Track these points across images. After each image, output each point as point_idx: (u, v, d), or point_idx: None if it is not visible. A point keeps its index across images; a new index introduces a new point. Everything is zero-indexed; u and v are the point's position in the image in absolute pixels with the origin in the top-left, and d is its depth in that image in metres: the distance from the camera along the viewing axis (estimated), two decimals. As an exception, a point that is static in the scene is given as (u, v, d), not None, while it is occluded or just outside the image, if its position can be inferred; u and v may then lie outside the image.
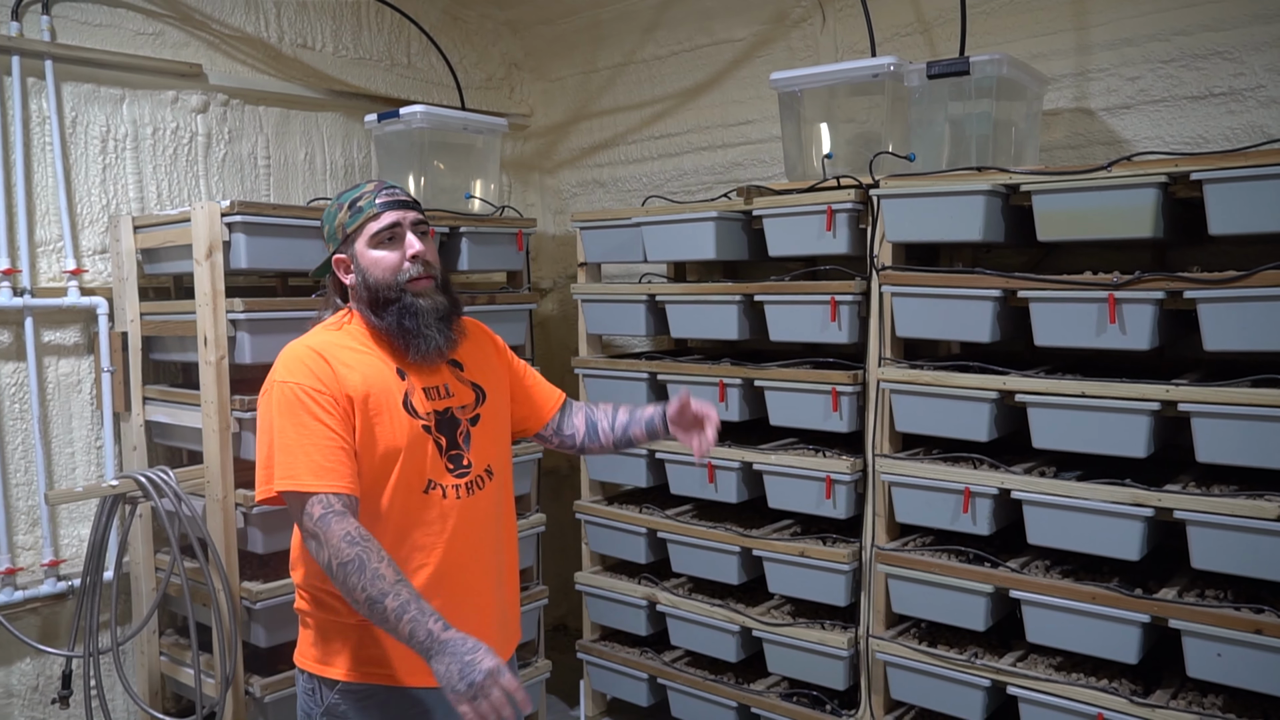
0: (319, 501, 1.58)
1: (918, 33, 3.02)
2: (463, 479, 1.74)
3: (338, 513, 1.57)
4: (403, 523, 1.69)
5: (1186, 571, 2.23)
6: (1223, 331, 2.01)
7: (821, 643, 2.63)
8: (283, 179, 3.37)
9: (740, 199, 2.77)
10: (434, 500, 1.71)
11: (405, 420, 1.69)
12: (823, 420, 2.62)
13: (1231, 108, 2.52)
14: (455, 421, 1.77)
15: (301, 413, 1.62)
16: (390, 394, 1.69)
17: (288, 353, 1.71)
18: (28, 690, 2.79)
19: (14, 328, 2.75)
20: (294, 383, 1.64)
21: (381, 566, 1.53)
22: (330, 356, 1.68)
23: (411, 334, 1.70)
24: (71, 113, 2.85)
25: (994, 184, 2.28)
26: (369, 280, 1.73)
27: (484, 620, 1.77)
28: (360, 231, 1.73)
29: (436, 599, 1.66)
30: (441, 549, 1.71)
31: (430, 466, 1.71)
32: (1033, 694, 2.27)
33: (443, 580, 1.71)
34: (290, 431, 1.62)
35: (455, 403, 1.78)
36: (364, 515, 1.66)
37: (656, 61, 3.69)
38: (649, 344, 3.60)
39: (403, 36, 3.67)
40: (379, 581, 1.51)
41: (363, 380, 1.67)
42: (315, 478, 1.59)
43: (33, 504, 2.79)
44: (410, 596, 1.52)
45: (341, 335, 1.75)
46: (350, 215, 1.74)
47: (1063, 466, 2.37)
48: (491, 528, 1.80)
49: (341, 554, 1.53)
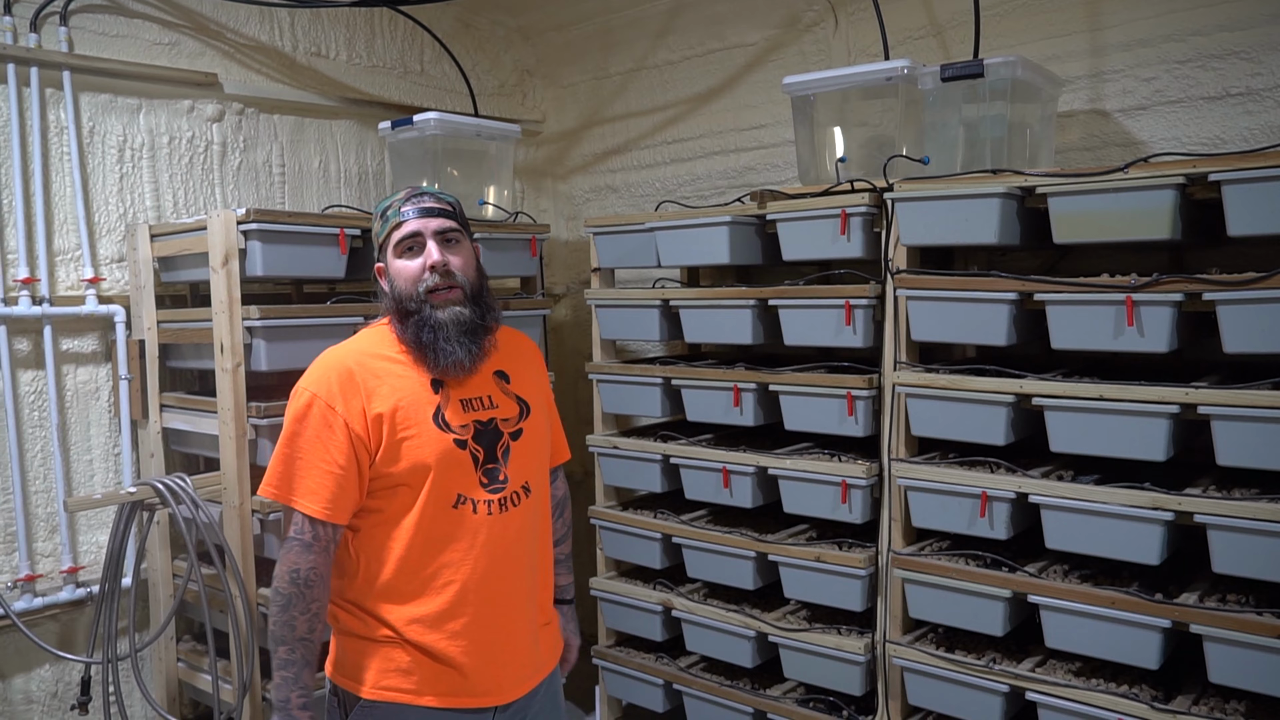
0: (295, 522, 1.63)
1: (931, 35, 3.01)
2: (496, 494, 1.71)
3: (302, 543, 1.61)
4: (430, 538, 1.67)
5: (1207, 576, 2.21)
6: (1243, 333, 1.99)
7: (838, 648, 2.62)
8: (297, 187, 3.38)
9: (754, 203, 2.76)
10: (464, 515, 1.68)
11: (435, 435, 1.67)
12: (838, 425, 2.61)
13: (1249, 108, 2.50)
14: (497, 434, 1.73)
15: (310, 428, 1.63)
16: (421, 408, 1.67)
17: (322, 360, 1.71)
18: (47, 696, 2.81)
19: (33, 336, 2.77)
20: (314, 393, 1.65)
21: (299, 618, 1.61)
22: (361, 369, 1.67)
23: (428, 347, 1.68)
24: (89, 123, 2.88)
25: (1009, 186, 2.27)
26: (396, 290, 1.72)
27: (512, 640, 1.74)
28: (388, 240, 1.73)
29: (462, 617, 1.66)
30: (469, 565, 1.69)
31: (462, 481, 1.68)
32: (1052, 699, 2.25)
33: (469, 598, 1.69)
34: (301, 445, 1.63)
35: (499, 414, 1.75)
36: (393, 533, 1.66)
37: (668, 67, 3.69)
38: (663, 349, 3.60)
39: (415, 44, 3.69)
40: (286, 629, 1.61)
41: (391, 393, 1.66)
42: (300, 496, 1.62)
43: (52, 511, 2.81)
44: (300, 658, 1.61)
45: (380, 343, 1.74)
46: (381, 224, 1.75)
47: (1081, 470, 2.35)
48: (526, 545, 1.77)
49: (281, 583, 1.62)
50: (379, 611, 1.69)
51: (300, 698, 1.61)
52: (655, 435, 3.11)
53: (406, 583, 1.67)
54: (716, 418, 2.87)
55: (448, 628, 1.68)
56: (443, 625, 1.67)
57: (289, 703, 1.61)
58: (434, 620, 1.67)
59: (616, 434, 3.21)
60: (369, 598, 1.70)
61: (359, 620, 1.71)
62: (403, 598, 1.68)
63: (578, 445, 3.81)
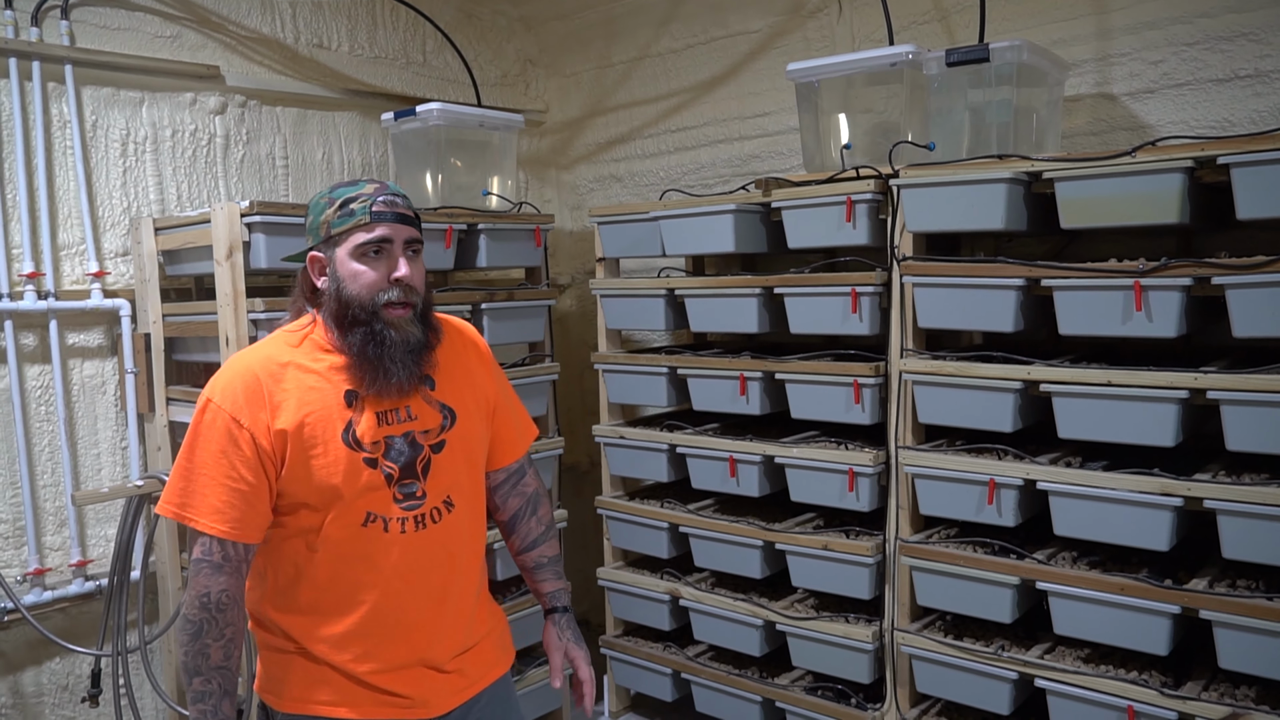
0: (200, 543, 1.53)
1: (935, 20, 2.99)
2: (412, 511, 1.60)
3: (212, 565, 1.51)
4: (338, 556, 1.58)
5: (1217, 561, 2.20)
6: (1252, 318, 1.98)
7: (846, 636, 2.62)
8: (300, 179, 3.38)
9: (758, 191, 2.75)
10: (374, 534, 1.58)
11: (344, 454, 1.55)
12: (844, 413, 2.60)
13: (1258, 90, 2.48)
14: (416, 447, 1.62)
15: (216, 444, 1.52)
16: (330, 424, 1.55)
17: (230, 366, 1.59)
18: (57, 689, 2.82)
19: (39, 330, 2.77)
20: (219, 406, 1.53)
21: (213, 646, 1.51)
22: (269, 379, 1.55)
23: (373, 364, 1.56)
24: (92, 116, 2.87)
25: (1015, 172, 2.26)
26: (343, 293, 1.58)
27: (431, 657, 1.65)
28: (346, 237, 1.58)
29: (372, 637, 1.59)
30: (380, 586, 1.59)
31: (372, 500, 1.58)
32: (1061, 686, 2.25)
33: (380, 618, 1.60)
34: (200, 458, 1.53)
35: (418, 427, 1.62)
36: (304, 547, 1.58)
37: (672, 55, 3.68)
38: (668, 338, 3.59)
39: (418, 35, 3.68)
40: (200, 658, 1.51)
41: (297, 409, 1.54)
42: (204, 515, 1.51)
43: (60, 505, 2.82)
44: (216, 688, 1.52)
45: (295, 350, 1.60)
46: (340, 215, 1.58)
47: (1089, 456, 2.35)
48: (445, 561, 1.66)
49: (190, 609, 1.52)
50: (285, 626, 1.61)
51: None
52: (661, 425, 3.11)
53: (313, 600, 1.59)
54: (723, 407, 2.87)
55: (355, 648, 1.59)
56: (350, 646, 1.59)
57: None
58: (341, 640, 1.59)
59: (623, 424, 3.21)
60: (277, 611, 1.62)
61: (269, 633, 1.63)
62: (309, 615, 1.60)
63: (584, 435, 3.82)
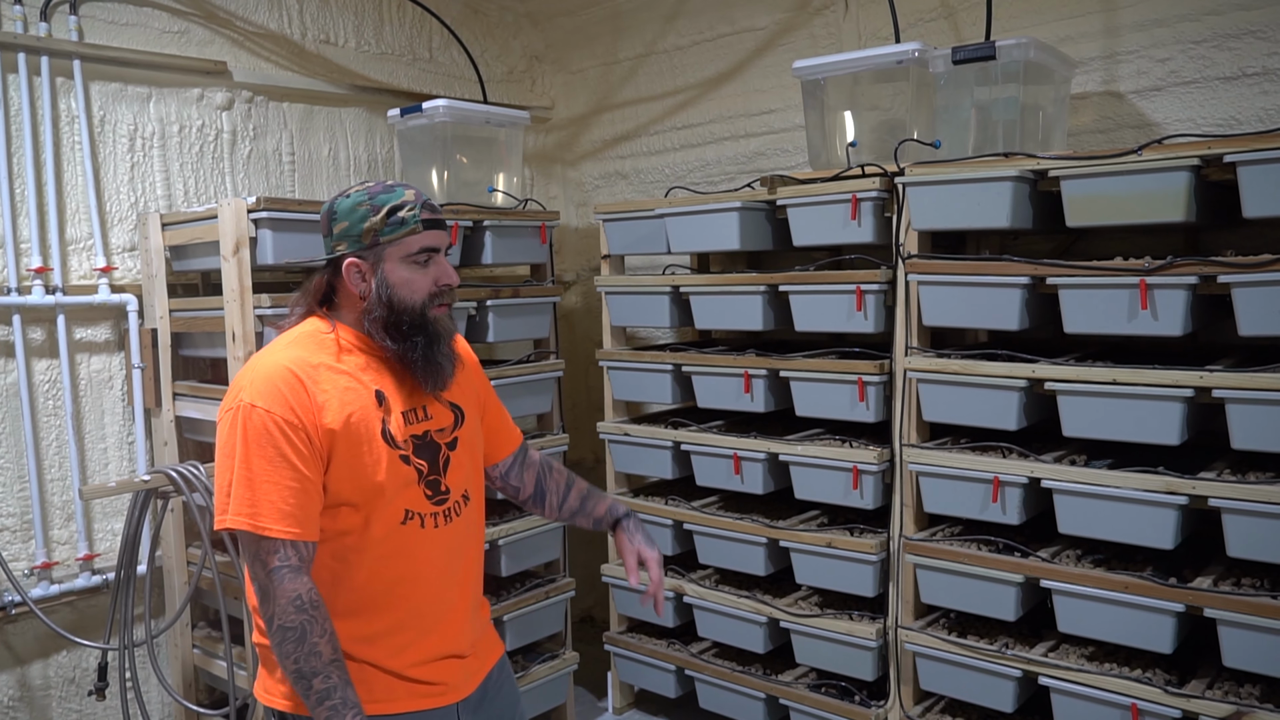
0: (275, 552, 1.48)
1: (942, 18, 2.99)
2: (440, 506, 1.64)
3: (293, 569, 1.48)
4: (381, 556, 1.60)
5: (1222, 560, 2.20)
6: (1258, 316, 1.98)
7: (850, 633, 2.62)
8: (307, 174, 3.39)
9: (764, 189, 2.75)
10: (412, 531, 1.61)
11: (384, 451, 1.57)
12: (849, 410, 2.60)
13: (1265, 88, 2.47)
14: (435, 446, 1.65)
15: (271, 446, 1.49)
16: (369, 423, 1.57)
17: (263, 370, 1.55)
18: (64, 682, 2.84)
19: (46, 325, 2.79)
20: (266, 409, 1.50)
21: (320, 642, 1.48)
22: (308, 380, 1.54)
23: (430, 365, 1.60)
24: (100, 111, 2.88)
25: (1021, 170, 2.26)
26: (394, 299, 1.59)
27: (456, 645, 1.68)
28: (397, 245, 1.59)
29: (409, 631, 1.61)
30: (420, 582, 1.62)
31: (408, 497, 1.61)
32: (1065, 684, 2.25)
33: (419, 614, 1.63)
34: (256, 464, 1.49)
35: (434, 425, 1.66)
36: (341, 549, 1.58)
37: (678, 51, 3.68)
38: (673, 336, 3.60)
39: (424, 31, 3.68)
40: (313, 659, 1.47)
41: (340, 408, 1.54)
42: (275, 521, 1.47)
43: (67, 499, 2.83)
44: (338, 681, 1.47)
45: (321, 352, 1.60)
46: (388, 224, 1.58)
47: (1094, 455, 2.34)
48: (468, 553, 1.72)
49: (286, 618, 1.47)
50: None
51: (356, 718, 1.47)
52: (666, 422, 3.11)
53: (352, 602, 1.59)
54: (727, 404, 2.87)
55: (395, 643, 1.61)
56: (390, 641, 1.61)
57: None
58: (381, 637, 1.60)
59: (627, 421, 3.21)
60: None
61: None
62: (348, 617, 1.59)
63: (589, 432, 3.82)
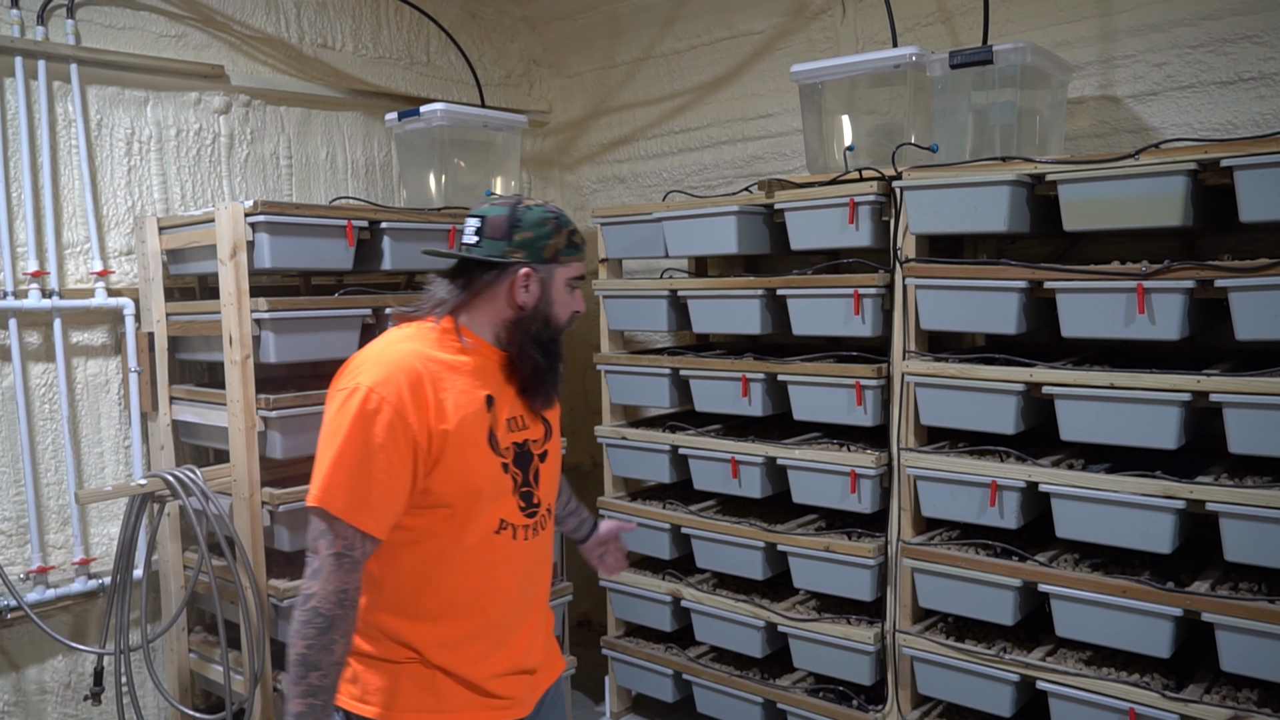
0: (344, 538, 1.50)
1: (939, 22, 2.99)
2: (531, 519, 1.68)
3: (353, 561, 1.50)
4: (470, 563, 1.61)
5: (1219, 564, 2.20)
6: (1255, 320, 1.98)
7: (847, 638, 2.62)
8: (304, 178, 3.38)
9: (761, 192, 2.75)
10: (503, 541, 1.64)
11: (490, 458, 1.61)
12: (847, 414, 2.60)
13: (1261, 93, 2.48)
14: (529, 456, 1.69)
15: (374, 434, 1.50)
16: (478, 427, 1.60)
17: (387, 358, 1.56)
18: (60, 687, 2.83)
19: (43, 329, 2.78)
20: (380, 397, 1.51)
21: (339, 642, 1.50)
22: (430, 378, 1.56)
23: (548, 378, 1.67)
24: (97, 115, 2.88)
25: (1019, 174, 2.26)
26: (550, 316, 1.66)
27: (528, 658, 1.71)
28: (567, 267, 1.67)
29: (489, 640, 1.63)
30: (502, 592, 1.64)
31: (504, 506, 1.63)
32: (1063, 689, 2.25)
33: (497, 625, 1.65)
34: (355, 449, 1.50)
35: (530, 435, 1.70)
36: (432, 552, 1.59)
37: (675, 55, 3.68)
38: (671, 339, 3.59)
39: (422, 35, 3.68)
40: (324, 654, 1.48)
41: (456, 408, 1.57)
42: (353, 510, 1.50)
43: (63, 503, 2.83)
44: (330, 684, 1.50)
45: (438, 346, 1.62)
46: (568, 246, 1.67)
47: (1091, 459, 2.34)
48: (545, 567, 1.75)
49: (326, 604, 1.48)
50: (405, 634, 1.62)
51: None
52: (664, 426, 3.11)
53: (436, 607, 1.61)
54: (725, 408, 2.87)
55: (473, 653, 1.63)
56: (469, 651, 1.62)
57: None
58: (460, 646, 1.61)
59: (625, 424, 3.21)
60: (397, 619, 1.62)
61: (377, 643, 1.63)
62: (432, 621, 1.61)
63: (586, 436, 3.82)
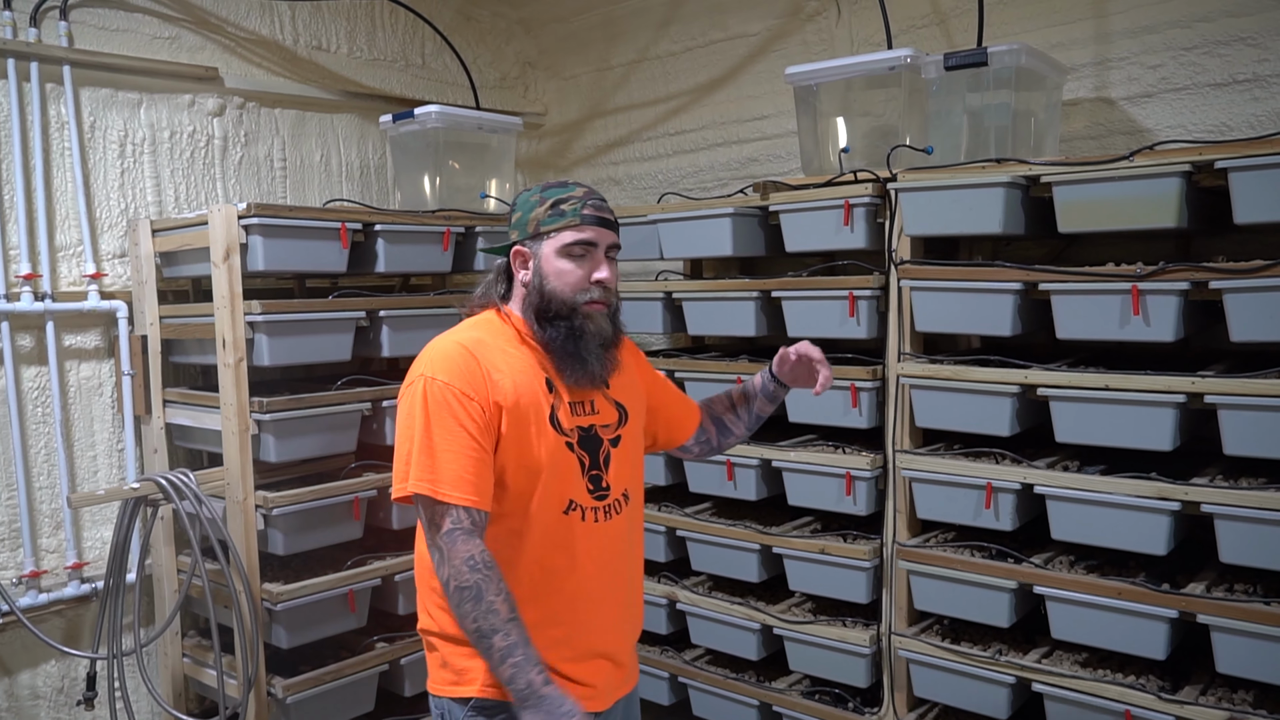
0: (449, 515, 1.53)
1: (934, 24, 2.99)
2: (601, 502, 1.68)
3: (465, 530, 1.53)
4: (540, 543, 1.63)
5: (1215, 566, 2.20)
6: (1250, 321, 1.98)
7: (843, 640, 2.61)
8: (299, 181, 3.38)
9: (757, 195, 2.75)
10: (573, 522, 1.64)
11: (551, 435, 1.62)
12: (842, 416, 2.60)
13: (1256, 94, 2.48)
14: (598, 440, 1.69)
15: (449, 416, 1.55)
16: (538, 406, 1.62)
17: (439, 348, 1.62)
18: (53, 692, 2.81)
19: (35, 332, 2.77)
20: (444, 382, 1.56)
21: (497, 601, 1.51)
22: (482, 358, 1.60)
23: (572, 357, 1.65)
24: (90, 117, 2.87)
25: (1014, 176, 2.26)
26: (545, 288, 1.65)
27: (608, 649, 1.71)
28: (555, 235, 1.65)
29: (565, 624, 1.63)
30: (578, 575, 1.65)
31: (572, 486, 1.64)
32: (1058, 690, 2.24)
33: (574, 608, 1.66)
34: (436, 433, 1.55)
35: (600, 420, 1.70)
36: (505, 533, 1.61)
37: (670, 58, 3.68)
38: (666, 342, 3.59)
39: (417, 37, 3.68)
40: (491, 616, 1.50)
41: (513, 387, 1.60)
42: (452, 488, 1.53)
43: (56, 507, 2.81)
44: (519, 639, 1.50)
45: (493, 335, 1.66)
46: (551, 214, 1.66)
47: (1086, 461, 2.34)
48: (625, 555, 1.75)
49: (461, 577, 1.51)
50: None
51: (540, 674, 1.50)
52: (659, 428, 3.10)
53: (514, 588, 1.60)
54: (720, 410, 2.86)
55: (550, 634, 1.63)
56: (545, 632, 1.62)
57: (533, 685, 1.49)
58: (535, 626, 1.60)
59: (620, 427, 3.20)
60: None
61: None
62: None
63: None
